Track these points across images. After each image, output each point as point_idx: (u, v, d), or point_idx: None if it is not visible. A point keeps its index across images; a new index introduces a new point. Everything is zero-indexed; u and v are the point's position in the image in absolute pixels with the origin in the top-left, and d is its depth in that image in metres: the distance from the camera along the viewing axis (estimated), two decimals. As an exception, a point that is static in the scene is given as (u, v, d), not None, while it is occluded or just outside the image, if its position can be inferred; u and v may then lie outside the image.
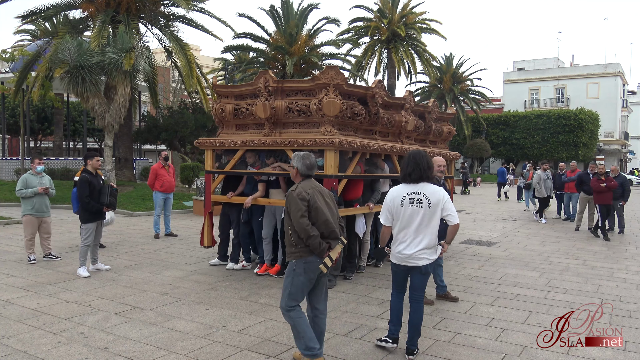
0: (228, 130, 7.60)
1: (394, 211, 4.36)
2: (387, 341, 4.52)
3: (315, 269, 4.06)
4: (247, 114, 7.22)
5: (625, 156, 56.77)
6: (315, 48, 25.14)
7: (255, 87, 6.96)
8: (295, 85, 6.91)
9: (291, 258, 4.11)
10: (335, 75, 6.47)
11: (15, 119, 31.00)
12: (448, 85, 39.61)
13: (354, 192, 7.03)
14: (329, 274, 6.55)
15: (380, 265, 7.90)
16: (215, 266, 7.74)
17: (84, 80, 15.20)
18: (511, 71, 54.10)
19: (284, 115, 6.88)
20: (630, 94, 61.76)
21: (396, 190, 4.42)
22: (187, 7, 18.30)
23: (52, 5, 19.07)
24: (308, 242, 3.99)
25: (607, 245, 10.44)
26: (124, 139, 21.20)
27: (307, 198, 4.01)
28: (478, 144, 39.95)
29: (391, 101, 7.64)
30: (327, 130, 6.53)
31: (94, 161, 7.31)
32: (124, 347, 4.47)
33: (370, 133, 7.59)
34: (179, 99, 31.50)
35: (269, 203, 7.06)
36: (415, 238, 4.29)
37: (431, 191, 4.31)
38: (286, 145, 6.64)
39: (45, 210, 8.03)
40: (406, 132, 8.15)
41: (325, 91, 6.50)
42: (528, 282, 7.14)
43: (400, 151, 7.78)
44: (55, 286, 6.46)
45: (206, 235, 7.81)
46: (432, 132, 9.11)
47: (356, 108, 6.84)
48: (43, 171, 8.19)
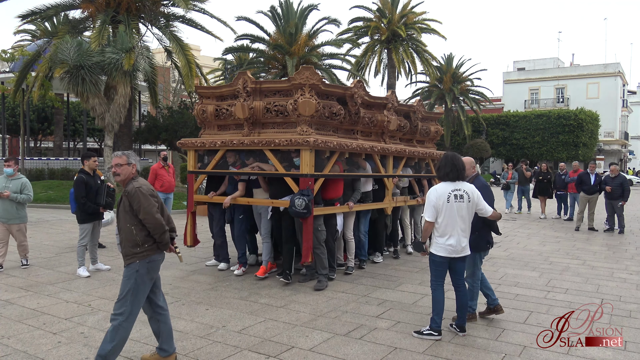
0: (210, 130, 7.62)
1: (440, 207, 4.74)
2: (432, 334, 4.79)
3: (157, 268, 4.02)
4: (227, 115, 7.23)
5: (625, 156, 56.77)
6: (315, 48, 25.12)
7: (235, 88, 6.99)
8: (273, 86, 6.93)
9: (134, 260, 3.91)
10: (311, 76, 6.46)
11: (15, 119, 30.99)
12: (448, 86, 39.58)
13: (334, 191, 7.00)
14: (319, 274, 6.61)
15: (364, 266, 7.79)
16: (211, 267, 7.73)
17: (84, 80, 15.22)
18: (511, 71, 54.10)
19: (262, 115, 6.90)
20: (630, 94, 61.75)
21: (440, 188, 4.80)
22: (187, 7, 18.28)
23: (52, 5, 19.05)
24: (162, 237, 3.93)
25: (607, 245, 10.44)
26: (124, 139, 21.16)
27: (155, 194, 4.00)
28: (478, 144, 39.92)
29: (373, 101, 7.64)
30: (304, 130, 6.53)
31: (91, 161, 7.30)
32: (124, 347, 4.47)
33: (352, 133, 7.58)
34: (179, 99, 31.48)
35: (247, 202, 7.12)
36: (462, 230, 4.77)
37: (468, 188, 4.84)
38: (264, 145, 6.63)
39: (11, 217, 7.24)
40: (389, 131, 8.11)
41: (301, 91, 6.51)
42: (528, 282, 7.14)
43: (382, 150, 7.73)
44: (55, 286, 6.46)
45: (189, 235, 7.76)
46: (418, 131, 9.09)
47: (334, 108, 6.84)
48: (12, 174, 7.25)
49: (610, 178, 12.27)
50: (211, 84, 27.68)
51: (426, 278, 6.63)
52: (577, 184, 13.16)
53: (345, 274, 7.28)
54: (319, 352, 4.45)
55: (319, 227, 6.64)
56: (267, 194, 7.02)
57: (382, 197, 8.04)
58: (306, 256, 6.44)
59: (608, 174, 12.47)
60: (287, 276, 6.70)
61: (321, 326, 5.10)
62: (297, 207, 6.19)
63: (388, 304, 5.93)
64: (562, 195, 15.07)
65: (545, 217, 15.29)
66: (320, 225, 6.67)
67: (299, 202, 6.18)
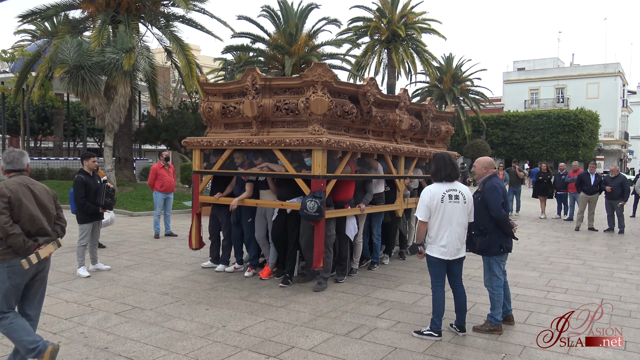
0: (216, 129, 7.40)
1: (434, 208, 4.70)
2: (432, 334, 4.78)
3: (20, 272, 3.72)
4: (235, 113, 7.01)
5: (625, 156, 56.76)
6: (315, 48, 25.14)
7: (243, 85, 6.77)
8: (283, 83, 6.68)
9: None
10: (324, 73, 6.21)
11: (15, 119, 31.00)
12: (448, 86, 39.60)
13: (344, 193, 6.79)
14: (319, 276, 6.53)
15: (374, 268, 7.71)
16: (207, 268, 7.59)
17: (84, 80, 15.21)
18: (511, 71, 54.08)
19: (272, 113, 6.67)
20: (630, 94, 61.74)
21: (434, 188, 4.77)
22: (187, 7, 18.29)
23: (52, 5, 19.07)
24: (9, 241, 3.64)
25: (607, 245, 10.45)
26: (124, 139, 21.19)
27: (7, 194, 3.70)
28: (478, 144, 39.92)
29: (385, 99, 7.44)
30: (315, 129, 6.29)
31: (90, 162, 7.27)
32: (124, 347, 4.48)
33: (363, 132, 7.38)
34: (179, 99, 31.48)
35: (256, 204, 6.90)
36: (456, 232, 4.71)
37: (463, 189, 4.82)
38: (273, 144, 6.42)
39: None
40: (401, 131, 7.94)
41: (313, 89, 6.25)
42: (528, 282, 7.14)
43: (394, 151, 7.55)
44: (55, 286, 6.46)
45: (194, 237, 7.61)
46: (429, 131, 8.87)
47: (347, 106, 6.62)
48: None
49: (610, 178, 12.29)
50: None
51: (426, 278, 6.63)
52: (577, 184, 13.16)
53: (348, 276, 7.17)
54: (319, 352, 4.45)
55: (328, 233, 6.40)
56: (275, 195, 6.81)
57: (394, 199, 7.89)
58: (317, 261, 6.21)
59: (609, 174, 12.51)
60: (287, 280, 6.60)
61: (321, 326, 5.09)
62: (309, 210, 5.93)
63: (388, 304, 5.92)
64: (562, 195, 15.07)
65: (545, 217, 15.29)
66: (330, 230, 6.45)
67: (311, 204, 5.93)
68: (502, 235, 4.91)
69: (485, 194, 4.89)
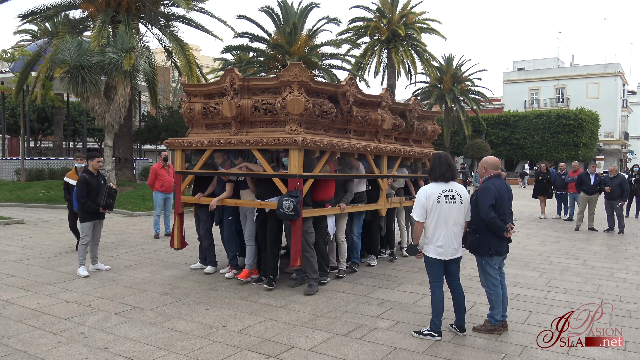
0: (198, 130, 7.41)
1: (430, 208, 4.70)
2: (432, 335, 4.77)
3: None
4: (215, 114, 7.02)
5: (625, 156, 56.77)
6: (315, 48, 25.12)
7: (222, 85, 6.78)
8: (261, 84, 6.70)
9: None
10: (300, 73, 6.19)
11: (15, 119, 31.00)
12: (448, 86, 39.58)
13: (324, 192, 6.73)
14: (309, 279, 6.46)
15: (356, 269, 7.54)
16: (196, 270, 7.53)
17: (84, 80, 15.21)
18: (511, 71, 54.09)
19: (250, 114, 6.68)
20: (630, 94, 61.76)
21: (430, 188, 4.77)
22: (187, 7, 18.30)
23: (52, 5, 19.07)
24: None
25: (607, 245, 10.45)
26: (124, 139, 21.19)
27: None
28: (478, 144, 39.90)
29: (366, 99, 7.42)
30: (292, 129, 6.28)
31: (95, 162, 7.31)
32: (124, 347, 4.48)
33: (344, 132, 7.36)
34: (179, 99, 31.52)
35: (235, 204, 6.90)
36: (453, 232, 4.72)
37: (460, 188, 4.82)
38: (251, 144, 6.42)
39: None
40: (383, 130, 7.92)
41: (290, 89, 6.24)
42: (528, 282, 7.14)
43: (375, 150, 7.53)
44: (55, 286, 6.47)
45: (176, 238, 7.62)
46: (415, 130, 8.82)
47: (325, 106, 6.61)
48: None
49: (609, 178, 12.29)
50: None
51: (426, 278, 6.60)
52: (577, 184, 13.17)
53: (337, 278, 7.09)
54: (319, 352, 4.45)
55: (308, 230, 6.36)
56: (254, 194, 6.79)
57: (376, 198, 7.86)
58: (294, 260, 6.20)
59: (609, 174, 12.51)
60: (271, 282, 6.50)
61: (321, 326, 5.10)
62: (284, 209, 5.91)
63: (388, 304, 5.92)
64: (562, 195, 15.07)
65: (545, 217, 15.30)
66: (309, 228, 6.38)
67: (286, 203, 5.91)
68: (492, 237, 4.81)
69: (478, 193, 4.91)
